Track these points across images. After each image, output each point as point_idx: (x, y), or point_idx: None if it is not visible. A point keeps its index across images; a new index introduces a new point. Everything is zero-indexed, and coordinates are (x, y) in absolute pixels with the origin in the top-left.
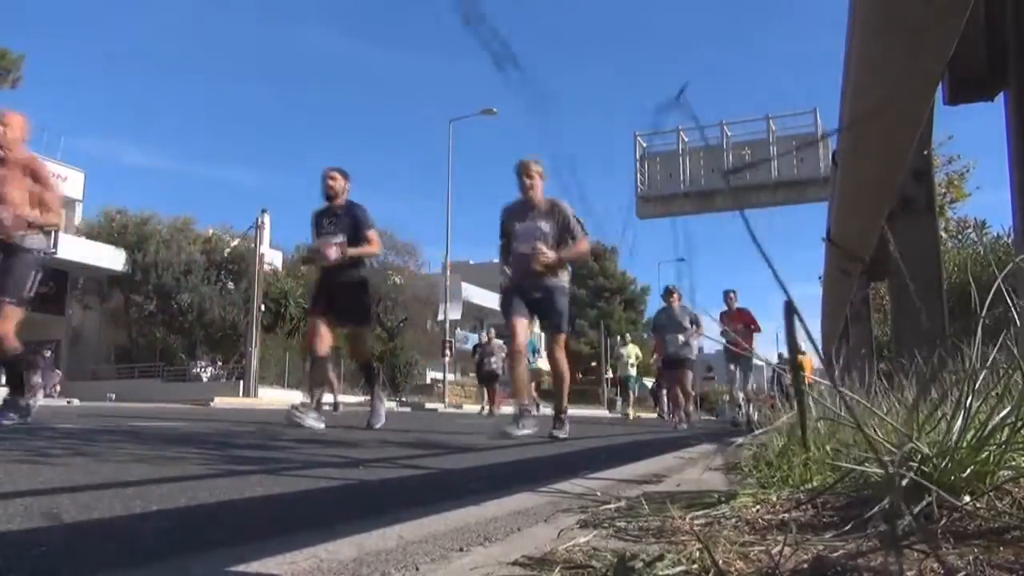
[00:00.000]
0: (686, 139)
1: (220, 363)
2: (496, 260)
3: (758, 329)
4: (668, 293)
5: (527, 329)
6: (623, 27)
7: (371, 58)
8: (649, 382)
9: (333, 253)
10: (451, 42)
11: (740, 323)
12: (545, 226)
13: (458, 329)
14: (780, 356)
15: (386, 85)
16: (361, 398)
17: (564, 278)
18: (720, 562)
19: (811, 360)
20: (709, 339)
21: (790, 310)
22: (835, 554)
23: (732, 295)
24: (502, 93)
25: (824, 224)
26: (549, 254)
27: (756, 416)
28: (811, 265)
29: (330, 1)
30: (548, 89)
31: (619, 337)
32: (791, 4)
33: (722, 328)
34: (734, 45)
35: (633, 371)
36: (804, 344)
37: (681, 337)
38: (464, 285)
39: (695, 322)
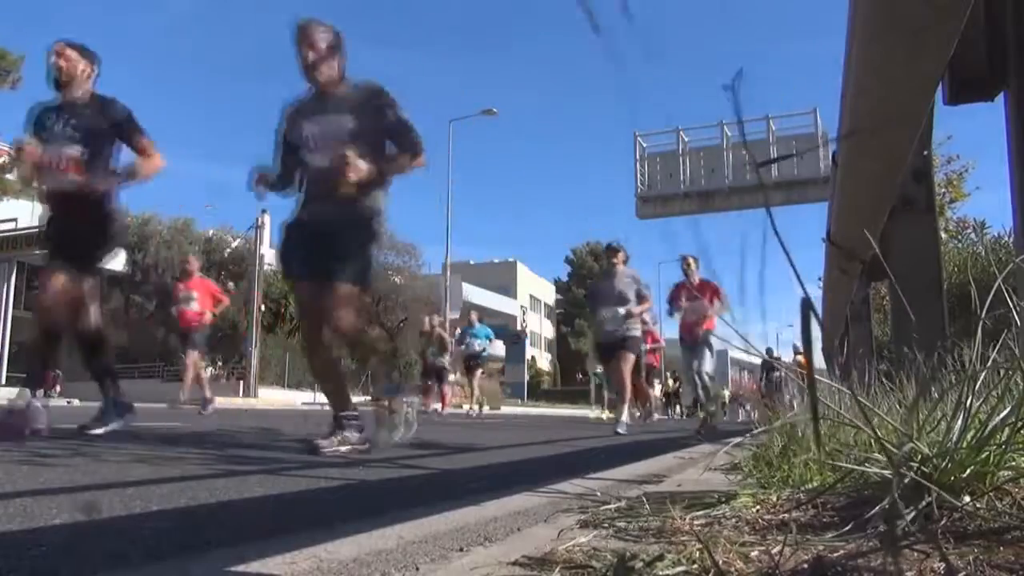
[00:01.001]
0: (686, 139)
1: (220, 363)
2: (497, 260)
3: (723, 307)
4: (612, 251)
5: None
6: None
7: (371, 58)
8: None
9: (75, 176)
10: (450, 42)
11: (702, 297)
12: (352, 124)
13: (458, 329)
14: (769, 351)
15: (386, 85)
16: (365, 397)
17: (376, 203)
18: (720, 562)
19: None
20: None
21: (806, 307)
22: (835, 554)
23: (692, 262)
24: (501, 93)
25: (824, 224)
26: (361, 164)
27: (752, 415)
28: (811, 265)
29: (330, 1)
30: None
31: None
32: (791, 4)
33: (677, 305)
34: (737, 45)
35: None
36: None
37: (621, 310)
38: (464, 285)
39: (641, 295)
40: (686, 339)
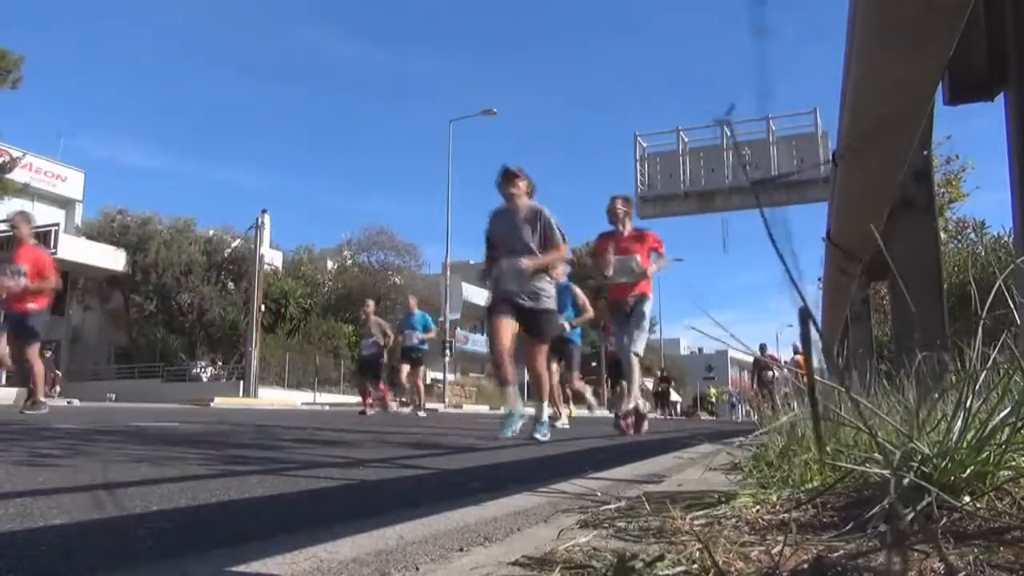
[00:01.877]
0: (686, 139)
1: (220, 363)
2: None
3: (661, 259)
4: (508, 178)
5: None
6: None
7: (371, 58)
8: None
9: None
10: (450, 41)
11: (636, 251)
12: None
13: (458, 329)
14: (763, 347)
15: (386, 85)
16: (356, 399)
17: None
18: (720, 562)
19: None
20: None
21: (805, 316)
22: (835, 554)
23: (622, 203)
24: (501, 93)
25: (824, 224)
26: None
27: (753, 415)
28: (811, 265)
29: (331, 1)
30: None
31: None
32: (792, 4)
33: (603, 259)
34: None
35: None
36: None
37: (525, 261)
38: (464, 285)
39: (549, 240)
40: (614, 307)
